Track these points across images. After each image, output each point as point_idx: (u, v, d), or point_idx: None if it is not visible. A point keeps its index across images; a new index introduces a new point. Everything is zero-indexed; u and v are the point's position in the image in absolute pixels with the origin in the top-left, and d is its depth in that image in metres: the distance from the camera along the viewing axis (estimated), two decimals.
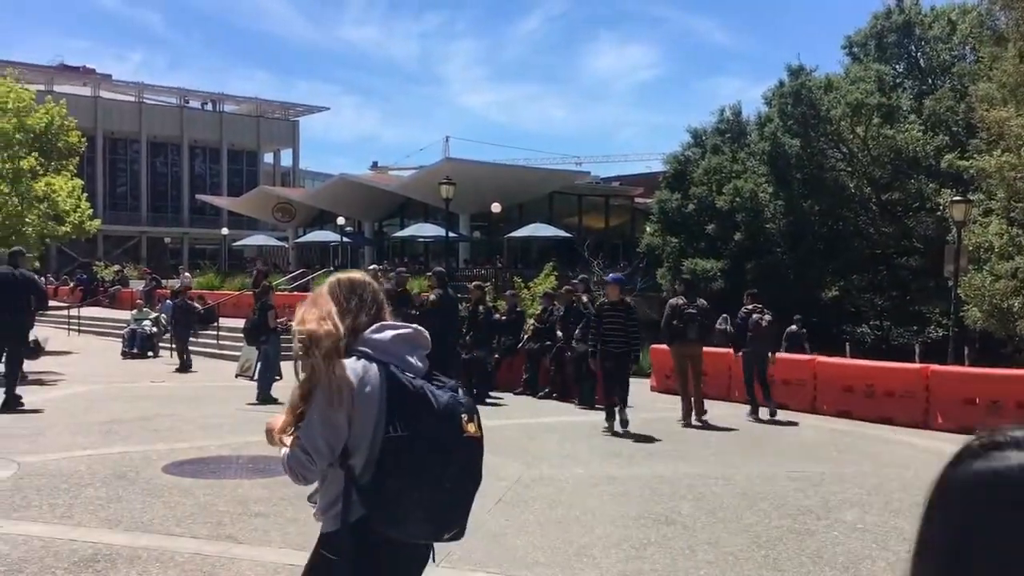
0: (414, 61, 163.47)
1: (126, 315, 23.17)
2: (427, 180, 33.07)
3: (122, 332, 21.40)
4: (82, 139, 22.73)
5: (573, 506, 6.61)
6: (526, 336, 14.29)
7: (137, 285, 33.17)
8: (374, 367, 2.52)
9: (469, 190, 29.86)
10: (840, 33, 40.68)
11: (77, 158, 23.01)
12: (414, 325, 2.79)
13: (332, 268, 36.19)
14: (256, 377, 15.83)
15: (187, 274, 33.34)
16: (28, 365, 12.24)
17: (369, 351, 2.56)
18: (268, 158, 70.45)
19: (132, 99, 63.04)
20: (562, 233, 33.58)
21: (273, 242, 47.22)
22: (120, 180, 62.17)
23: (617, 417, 9.92)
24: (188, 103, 66.49)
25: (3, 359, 11.35)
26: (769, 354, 11.96)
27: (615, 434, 9.85)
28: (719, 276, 27.21)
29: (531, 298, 18.60)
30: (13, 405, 10.93)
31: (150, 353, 20.31)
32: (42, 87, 41.47)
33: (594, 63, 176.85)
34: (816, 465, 8.66)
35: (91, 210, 24.77)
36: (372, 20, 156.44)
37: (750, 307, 12.02)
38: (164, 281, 32.59)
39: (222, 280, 33.26)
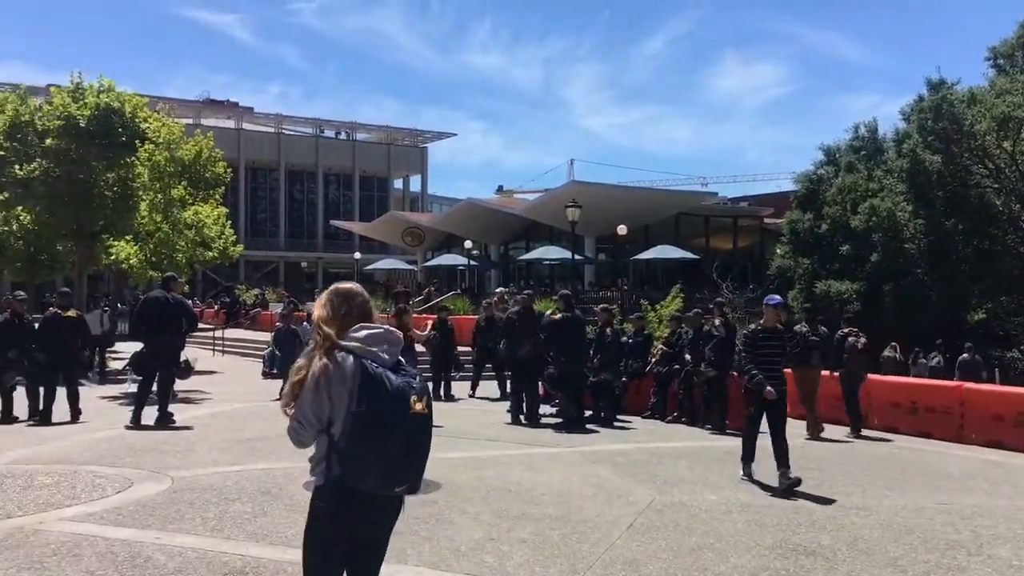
0: (538, 85, 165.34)
1: (266, 336, 24.18)
2: (553, 203, 33.31)
3: (263, 353, 22.34)
4: (227, 169, 23.98)
5: (707, 534, 6.49)
6: (654, 359, 14.16)
7: (276, 308, 34.59)
8: (351, 359, 3.33)
9: (594, 212, 29.91)
10: (981, 45, 38.84)
11: (223, 187, 24.27)
12: (385, 326, 3.54)
13: (459, 291, 36.84)
14: None
15: None
16: (178, 384, 12.95)
17: (349, 346, 3.37)
18: (398, 184, 72.48)
19: (271, 130, 66.13)
20: (689, 255, 33.16)
21: (403, 266, 48.46)
22: (260, 207, 65.17)
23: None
24: (323, 132, 69.23)
25: (156, 378, 12.05)
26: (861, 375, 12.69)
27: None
28: (855, 298, 26.26)
29: (658, 320, 18.43)
30: (165, 422, 11.58)
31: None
32: (190, 121, 44.02)
33: (719, 82, 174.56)
34: (965, 497, 8.22)
35: (234, 236, 26.12)
36: (497, 47, 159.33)
37: (845, 331, 12.84)
38: (301, 304, 33.90)
39: None
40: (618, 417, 13.09)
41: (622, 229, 31.53)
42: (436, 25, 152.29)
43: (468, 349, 17.73)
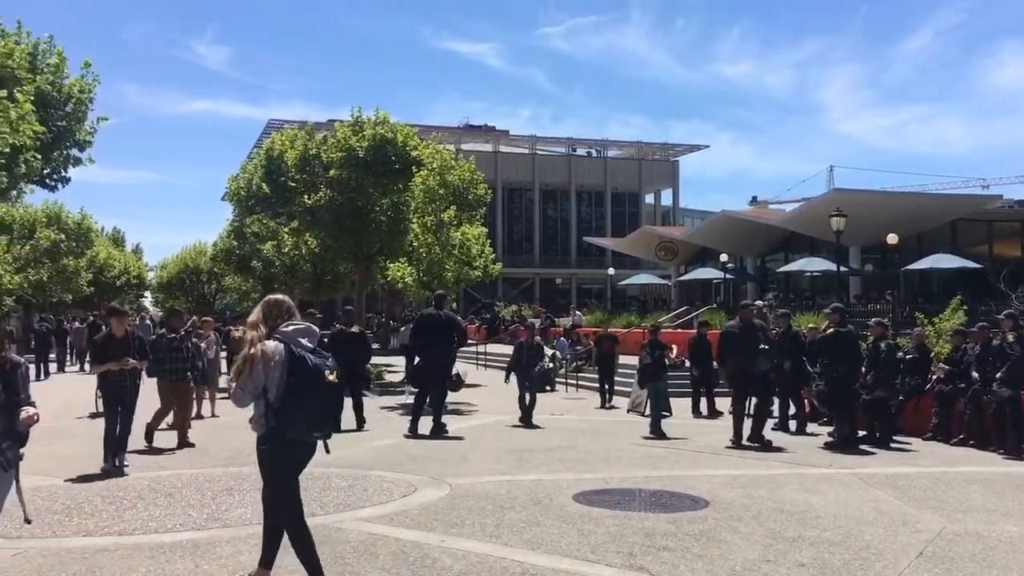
0: (790, 91, 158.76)
1: None
2: (813, 212, 31.86)
3: None
4: (488, 191, 25.09)
5: (1008, 568, 5.93)
6: (935, 376, 13.13)
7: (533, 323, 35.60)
8: (281, 345, 4.83)
9: (859, 221, 28.26)
10: None
11: (484, 208, 25.43)
12: (307, 323, 5.05)
13: (715, 305, 36.11)
14: (648, 413, 16.21)
15: (578, 312, 35.21)
16: (449, 396, 13.67)
17: (280, 337, 4.87)
18: (649, 199, 72.38)
19: (526, 151, 68.36)
20: (970, 264, 30.42)
21: (656, 280, 48.24)
22: (516, 226, 67.47)
23: None
24: (575, 151, 70.61)
25: (430, 391, 12.80)
26: None
27: None
28: None
29: (935, 335, 17.06)
30: (440, 432, 12.29)
31: (547, 387, 21.63)
32: (452, 146, 46.58)
33: (996, 75, 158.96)
34: None
35: (493, 255, 27.26)
36: (746, 55, 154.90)
37: None
38: (556, 319, 34.73)
39: (609, 318, 34.61)
40: (895, 438, 12.26)
41: (892, 238, 29.50)
42: (681, 38, 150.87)
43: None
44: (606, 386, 17.44)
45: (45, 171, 15.30)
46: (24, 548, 6.13)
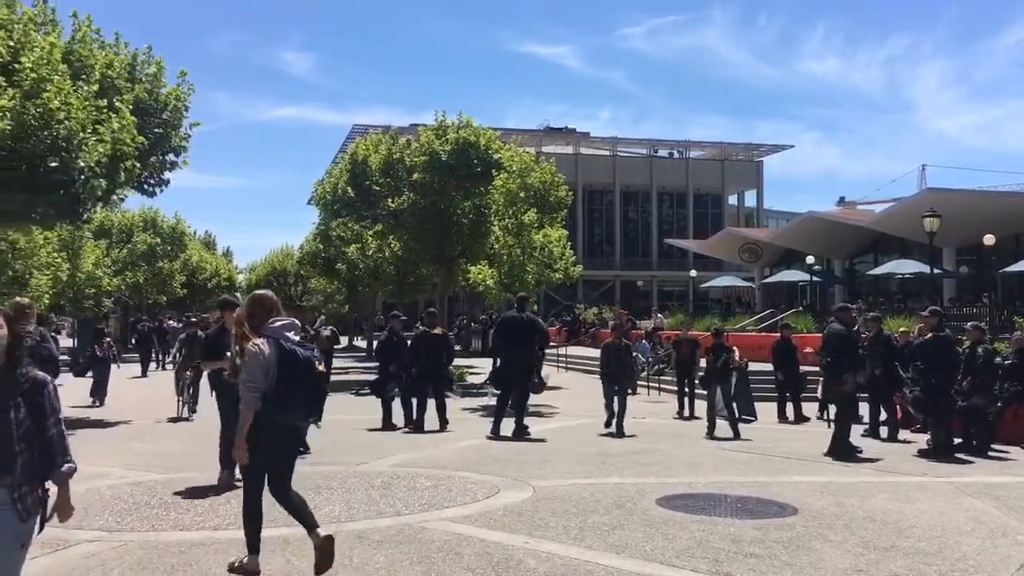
0: (879, 88, 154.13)
1: None
2: (905, 213, 30.96)
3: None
4: (569, 193, 25.06)
5: None
6: None
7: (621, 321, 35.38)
8: (270, 341, 5.30)
9: (953, 221, 27.31)
10: None
11: (565, 210, 25.40)
12: (291, 318, 5.58)
13: (800, 308, 35.37)
14: (721, 416, 15.98)
15: (660, 315, 34.89)
16: (531, 398, 13.70)
17: (268, 333, 5.34)
18: (732, 200, 71.27)
19: (607, 153, 68.05)
20: None
21: (739, 283, 47.49)
22: (596, 228, 67.22)
23: None
24: (656, 152, 70.00)
25: (513, 392, 12.85)
26: None
27: None
28: None
29: None
30: (522, 434, 12.33)
31: (629, 391, 21.46)
32: (532, 149, 46.68)
33: None
34: None
35: (574, 257, 27.22)
36: (831, 52, 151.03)
37: None
38: (638, 322, 34.47)
39: (691, 321, 34.22)
40: (992, 446, 11.80)
41: (989, 239, 28.44)
42: (764, 36, 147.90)
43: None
44: (685, 391, 16.98)
45: (143, 176, 15.89)
46: (124, 542, 6.37)
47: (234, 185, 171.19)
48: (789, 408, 15.91)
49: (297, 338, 5.45)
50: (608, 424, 13.27)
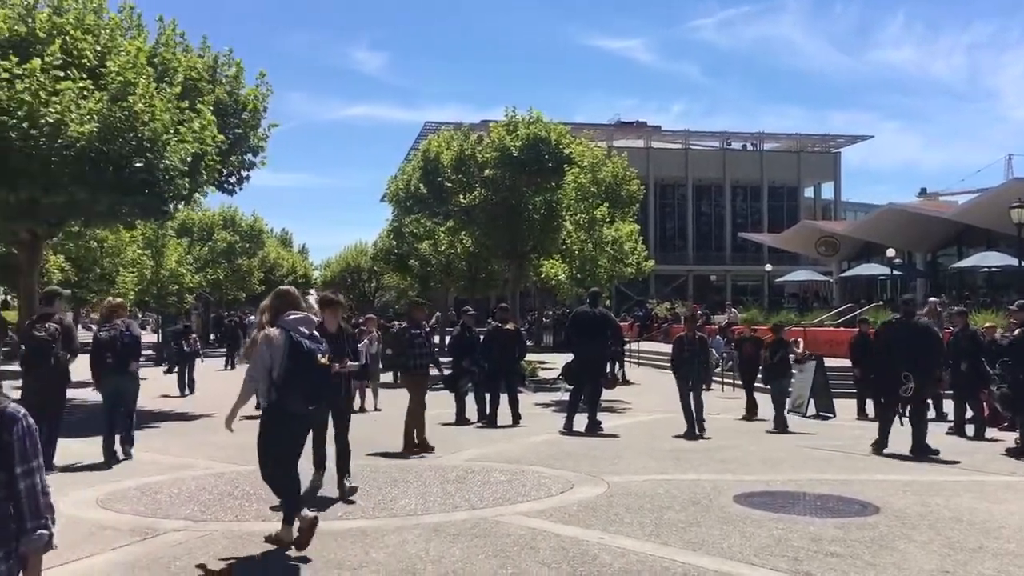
0: (961, 77, 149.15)
1: None
2: (991, 204, 29.92)
3: None
4: (641, 187, 24.89)
5: None
6: None
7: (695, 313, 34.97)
8: (283, 333, 5.79)
9: None
10: None
11: (636, 204, 25.26)
12: (305, 313, 6.09)
13: (880, 302, 34.47)
14: (808, 413, 15.73)
15: (733, 309, 34.40)
16: (604, 393, 13.64)
17: (282, 325, 5.84)
18: (808, 192, 69.85)
19: (678, 146, 67.33)
20: None
21: (816, 277, 46.48)
22: (668, 223, 66.58)
23: None
24: (730, 145, 68.98)
25: (585, 388, 12.83)
26: None
27: None
28: None
29: None
30: (594, 429, 12.29)
31: (704, 386, 21.22)
32: (603, 143, 46.50)
33: None
34: None
35: (646, 251, 27.02)
36: (911, 40, 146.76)
37: None
38: (712, 316, 34.05)
39: (766, 316, 33.65)
40: None
41: None
42: (840, 24, 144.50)
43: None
44: (752, 391, 16.24)
45: (223, 175, 16.31)
46: (209, 531, 6.55)
47: (308, 183, 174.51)
48: (869, 405, 15.50)
49: (307, 331, 5.98)
50: (689, 434, 12.24)
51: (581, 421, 12.43)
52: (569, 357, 13.42)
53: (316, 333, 6.13)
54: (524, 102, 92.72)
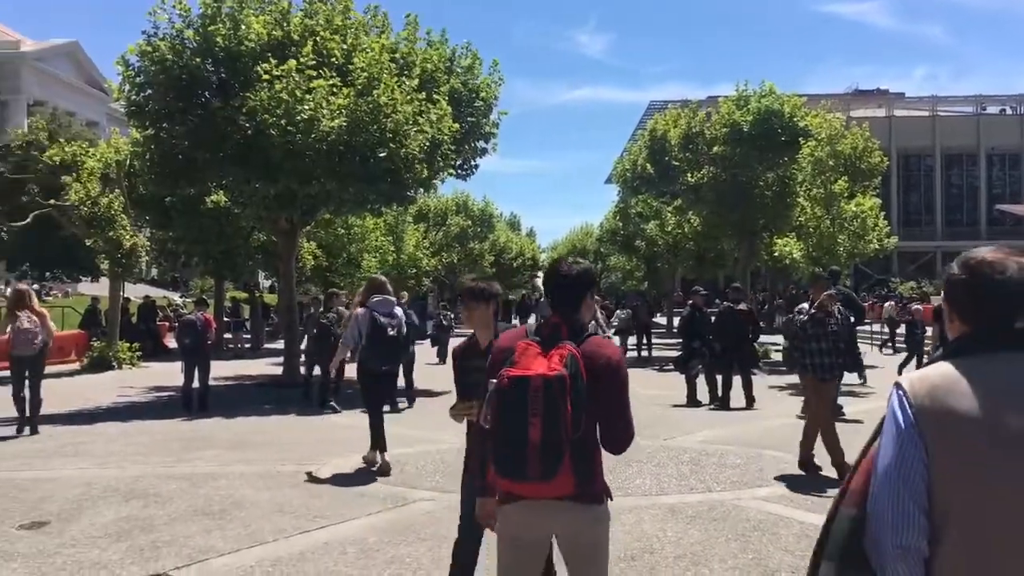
0: None
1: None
2: None
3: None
4: (883, 159, 23.37)
5: None
6: None
7: (937, 302, 32.59)
8: (368, 312, 8.16)
9: None
10: None
11: (878, 177, 23.74)
12: (385, 296, 8.39)
13: None
14: None
15: None
16: (845, 377, 12.95)
17: (369, 305, 8.22)
18: None
19: (924, 114, 62.54)
20: None
21: None
22: (913, 196, 62.14)
23: None
24: (984, 110, 63.23)
25: None
26: None
27: None
28: None
29: None
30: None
31: None
32: (840, 114, 44.06)
33: None
34: None
35: (888, 227, 25.34)
36: None
37: None
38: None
39: None
40: None
41: None
42: None
43: None
44: None
45: (458, 163, 16.99)
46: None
47: (533, 168, 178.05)
48: None
49: (385, 310, 8.18)
50: None
51: None
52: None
53: (395, 311, 8.30)
54: (752, 76, 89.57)
